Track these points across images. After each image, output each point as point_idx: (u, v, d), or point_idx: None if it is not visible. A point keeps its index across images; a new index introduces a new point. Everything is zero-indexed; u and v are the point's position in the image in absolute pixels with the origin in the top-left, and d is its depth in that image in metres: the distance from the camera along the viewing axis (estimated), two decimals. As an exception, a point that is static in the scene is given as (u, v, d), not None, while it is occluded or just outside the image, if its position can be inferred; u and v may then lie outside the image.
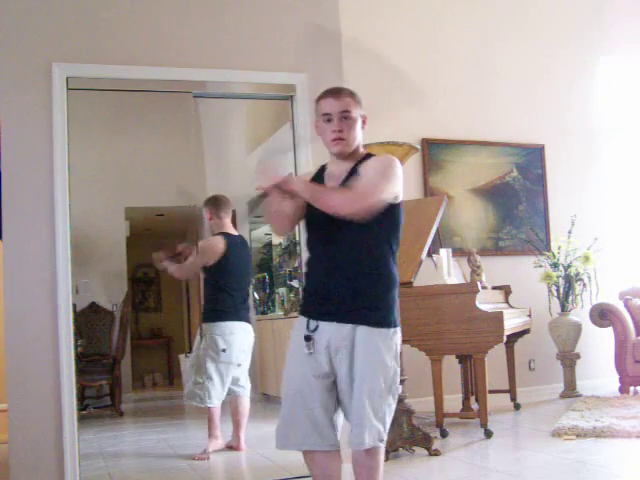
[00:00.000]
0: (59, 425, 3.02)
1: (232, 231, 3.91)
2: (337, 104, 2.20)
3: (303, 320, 2.18)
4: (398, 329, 2.20)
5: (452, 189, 5.92)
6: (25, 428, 3.00)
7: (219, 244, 3.84)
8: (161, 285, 5.30)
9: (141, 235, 4.19)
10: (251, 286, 4.03)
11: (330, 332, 2.13)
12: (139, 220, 4.35)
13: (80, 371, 3.21)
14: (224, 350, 3.83)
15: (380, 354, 2.12)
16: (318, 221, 2.18)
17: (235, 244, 3.91)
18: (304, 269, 2.30)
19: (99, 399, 4.45)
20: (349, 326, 2.12)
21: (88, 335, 4.41)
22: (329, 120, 2.20)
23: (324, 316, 2.15)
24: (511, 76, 6.26)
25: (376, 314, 2.14)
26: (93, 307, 4.37)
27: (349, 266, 2.14)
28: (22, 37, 3.14)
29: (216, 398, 3.82)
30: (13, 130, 3.11)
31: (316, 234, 2.23)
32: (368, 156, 2.27)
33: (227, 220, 3.89)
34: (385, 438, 2.14)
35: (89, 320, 4.40)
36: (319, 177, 2.28)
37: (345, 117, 2.20)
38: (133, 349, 4.51)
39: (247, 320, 3.92)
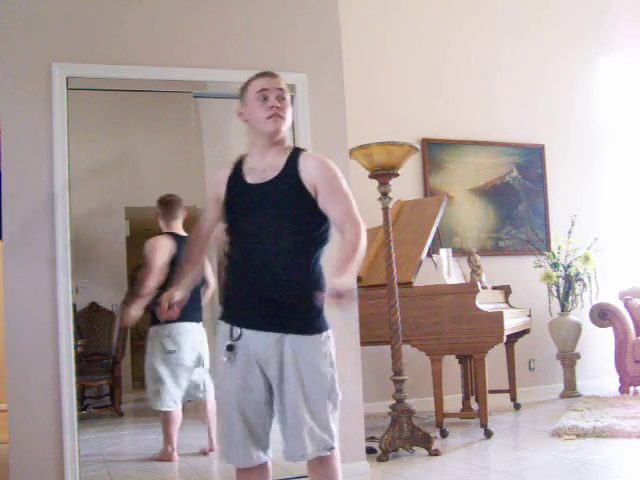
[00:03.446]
0: (59, 425, 3.02)
1: (180, 232, 3.85)
2: (274, 81, 2.09)
3: (225, 327, 2.05)
4: (330, 332, 2.07)
5: (452, 189, 5.92)
6: (25, 428, 2.99)
7: (168, 244, 3.75)
8: (161, 285, 5.29)
9: (141, 235, 4.19)
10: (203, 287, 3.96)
11: (256, 342, 2.01)
12: (139, 220, 4.34)
13: (80, 371, 3.21)
14: (173, 351, 3.78)
15: (313, 362, 2.01)
16: (252, 223, 2.04)
17: (182, 244, 3.83)
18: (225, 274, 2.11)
19: (99, 399, 4.44)
20: (276, 335, 2.00)
21: (88, 335, 4.41)
22: (265, 98, 2.07)
23: (248, 324, 2.02)
24: (511, 76, 6.26)
25: (304, 320, 2.02)
26: (93, 307, 4.37)
27: (281, 269, 2.00)
28: (22, 37, 3.14)
29: (170, 401, 3.76)
30: (13, 130, 3.10)
31: (256, 228, 2.04)
32: (298, 150, 2.12)
33: (175, 222, 3.83)
34: (335, 445, 2.04)
35: (89, 320, 4.40)
36: (238, 172, 2.12)
37: (281, 97, 2.08)
38: (133, 349, 4.51)
39: (197, 320, 3.81)
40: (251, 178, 2.09)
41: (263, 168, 2.09)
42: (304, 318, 2.03)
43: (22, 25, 3.15)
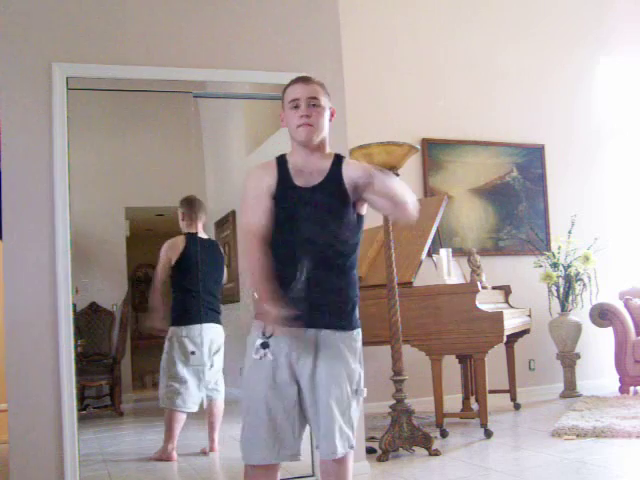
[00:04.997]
0: (59, 425, 3.02)
1: (200, 234, 3.89)
2: (306, 90, 2.09)
3: (259, 325, 2.03)
4: (360, 330, 2.12)
5: (452, 189, 5.92)
6: (25, 428, 2.99)
7: (179, 242, 3.85)
8: (161, 285, 5.30)
9: (141, 235, 4.19)
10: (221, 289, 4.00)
11: (290, 339, 2.01)
12: (139, 220, 4.34)
13: (80, 371, 3.20)
14: (193, 353, 3.81)
15: (344, 357, 2.05)
16: (304, 216, 2.03)
17: (199, 245, 3.89)
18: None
19: (99, 399, 4.44)
20: (312, 331, 2.03)
21: (88, 335, 4.41)
22: (296, 106, 2.09)
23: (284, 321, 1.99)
24: (511, 76, 6.26)
25: (339, 316, 2.06)
26: (93, 307, 4.37)
27: (324, 266, 2.03)
28: (22, 37, 3.14)
29: (192, 403, 3.79)
30: (13, 130, 3.10)
31: (302, 231, 2.04)
32: (340, 157, 2.13)
33: (197, 222, 3.88)
34: (354, 444, 2.07)
35: (89, 320, 4.40)
36: (284, 171, 2.10)
37: (313, 104, 2.08)
38: (133, 349, 4.51)
39: (216, 321, 3.87)
40: (299, 181, 2.08)
41: (310, 171, 2.09)
42: (338, 314, 2.06)
43: (22, 25, 3.15)
